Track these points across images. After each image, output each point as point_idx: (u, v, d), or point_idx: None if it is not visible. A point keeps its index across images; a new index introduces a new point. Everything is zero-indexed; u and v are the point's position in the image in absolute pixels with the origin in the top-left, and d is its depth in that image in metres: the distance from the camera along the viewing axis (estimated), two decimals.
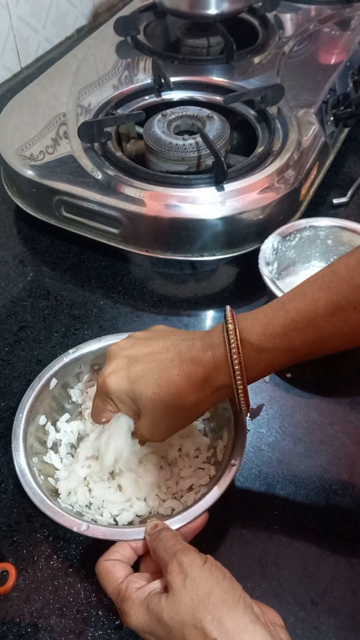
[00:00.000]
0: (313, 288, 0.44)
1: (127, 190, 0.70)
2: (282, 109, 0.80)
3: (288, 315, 0.44)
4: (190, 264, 0.75)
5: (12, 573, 0.49)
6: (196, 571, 0.40)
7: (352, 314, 0.42)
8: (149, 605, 0.40)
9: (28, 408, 0.54)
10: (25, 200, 0.78)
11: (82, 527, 0.46)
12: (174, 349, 0.47)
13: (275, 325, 0.44)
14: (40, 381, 0.55)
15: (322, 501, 0.53)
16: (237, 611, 0.38)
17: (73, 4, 1.17)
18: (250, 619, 0.38)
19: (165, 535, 0.44)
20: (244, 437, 0.51)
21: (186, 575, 0.39)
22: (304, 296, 0.44)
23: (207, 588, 0.39)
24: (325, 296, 0.43)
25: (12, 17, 1.01)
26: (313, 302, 0.43)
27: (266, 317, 0.45)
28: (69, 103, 0.83)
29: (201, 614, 0.37)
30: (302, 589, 0.48)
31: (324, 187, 0.83)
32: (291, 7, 1.04)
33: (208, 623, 0.37)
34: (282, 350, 0.44)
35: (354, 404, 0.60)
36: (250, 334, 0.44)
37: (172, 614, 0.38)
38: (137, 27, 0.98)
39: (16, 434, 0.52)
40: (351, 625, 0.47)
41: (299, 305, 0.44)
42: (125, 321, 0.69)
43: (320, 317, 0.43)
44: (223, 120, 0.77)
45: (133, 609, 0.40)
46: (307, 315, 0.43)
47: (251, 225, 0.70)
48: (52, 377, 0.56)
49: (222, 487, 0.48)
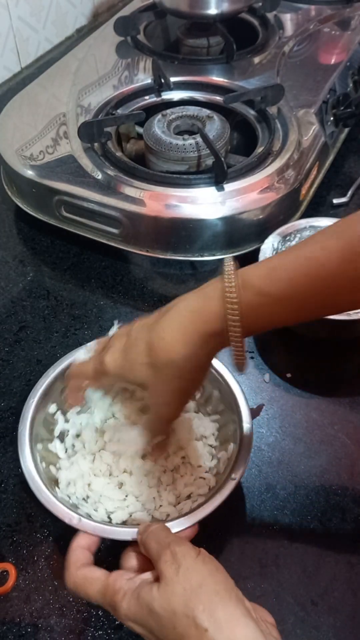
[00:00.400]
0: (324, 236, 0.42)
1: (127, 190, 0.70)
2: (282, 109, 0.80)
3: (297, 260, 0.41)
4: (190, 264, 0.75)
5: (12, 573, 0.49)
6: (189, 562, 0.39)
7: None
8: (140, 594, 0.39)
9: (40, 394, 0.54)
10: (25, 200, 0.78)
11: (73, 519, 0.46)
12: (166, 309, 0.45)
13: (282, 269, 0.41)
14: (55, 369, 0.55)
15: (322, 501, 0.53)
16: (229, 603, 0.37)
17: (73, 4, 1.17)
18: (242, 612, 0.37)
19: (157, 528, 0.43)
20: (248, 451, 0.50)
21: (179, 565, 0.39)
22: (315, 243, 0.42)
23: (200, 578, 0.38)
24: (338, 243, 0.40)
25: (12, 17, 1.01)
26: (325, 247, 0.41)
27: (272, 261, 0.42)
28: (69, 103, 0.83)
29: (193, 603, 0.37)
30: (302, 589, 0.48)
31: (324, 187, 0.83)
32: (291, 7, 1.04)
33: (200, 613, 0.36)
34: (286, 298, 0.41)
35: (354, 404, 0.61)
36: (252, 276, 0.41)
37: (164, 603, 0.38)
38: (137, 27, 0.98)
39: (24, 418, 0.52)
40: (351, 625, 0.47)
41: (309, 250, 0.41)
42: (125, 321, 0.68)
43: (332, 263, 0.40)
44: (223, 120, 0.77)
45: (125, 600, 0.39)
46: (319, 261, 0.40)
47: (251, 225, 0.70)
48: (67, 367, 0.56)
49: (218, 500, 0.47)
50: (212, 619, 0.36)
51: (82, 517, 0.46)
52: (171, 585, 0.38)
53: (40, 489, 0.48)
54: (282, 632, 0.46)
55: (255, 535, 0.52)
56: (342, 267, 0.40)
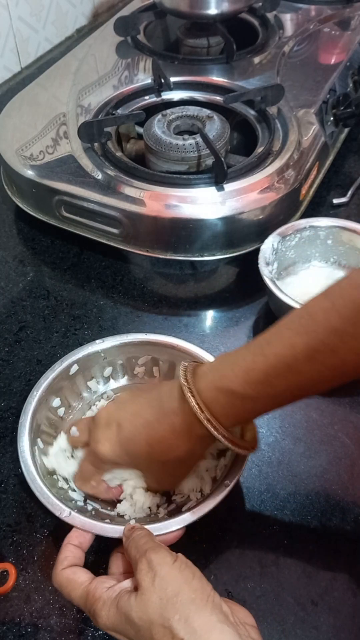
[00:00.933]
0: (290, 332, 0.43)
1: (127, 190, 0.70)
2: (282, 109, 0.80)
3: (268, 361, 0.42)
4: (190, 264, 0.75)
5: (12, 573, 0.49)
6: (165, 570, 0.39)
7: (331, 358, 0.41)
8: (119, 604, 0.39)
9: (44, 388, 0.54)
10: (25, 200, 0.78)
11: (64, 513, 0.47)
12: (157, 402, 0.47)
13: (257, 371, 0.43)
14: (61, 364, 0.56)
15: (322, 501, 0.53)
16: (205, 610, 0.38)
17: (73, 4, 1.17)
18: (218, 618, 0.37)
19: (138, 535, 0.43)
20: (243, 458, 0.50)
21: (155, 573, 0.39)
22: (282, 340, 0.43)
23: (176, 587, 0.38)
24: (303, 340, 0.41)
25: (12, 17, 1.01)
26: (291, 346, 0.42)
27: (245, 361, 0.43)
28: (69, 103, 0.83)
29: (169, 613, 0.37)
30: (302, 589, 0.48)
31: (324, 187, 0.83)
32: (291, 7, 1.04)
33: (175, 622, 0.37)
34: (265, 397, 0.43)
35: (354, 404, 0.60)
36: (232, 382, 0.43)
37: (141, 613, 0.38)
38: (137, 27, 0.98)
39: (26, 410, 0.53)
40: (351, 625, 0.47)
41: (277, 350, 0.42)
42: (125, 321, 0.69)
43: (299, 362, 0.41)
44: (223, 120, 0.77)
45: (104, 609, 0.40)
46: (286, 361, 0.42)
47: (251, 225, 0.70)
48: (74, 363, 0.57)
49: (209, 506, 0.47)
50: (188, 628, 0.36)
51: (72, 512, 0.47)
52: (147, 594, 0.38)
53: (34, 480, 0.48)
54: (282, 632, 0.46)
55: (255, 535, 0.52)
56: (311, 366, 0.41)
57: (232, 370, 0.44)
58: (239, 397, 0.43)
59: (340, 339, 0.40)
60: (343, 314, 0.40)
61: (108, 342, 0.58)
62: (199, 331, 0.68)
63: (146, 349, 0.59)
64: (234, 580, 0.49)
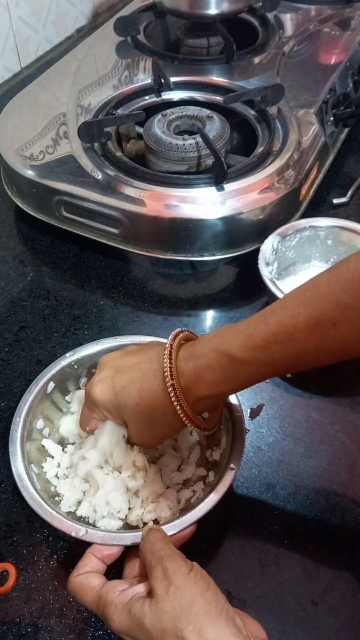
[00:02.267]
0: (294, 302, 0.44)
1: (127, 190, 0.70)
2: (282, 109, 0.80)
3: (269, 328, 0.44)
4: (190, 264, 0.75)
5: (12, 573, 0.49)
6: (180, 579, 0.39)
7: (331, 331, 0.42)
8: (131, 609, 0.39)
9: (26, 411, 0.54)
10: (25, 200, 0.78)
11: (80, 532, 0.46)
12: (158, 359, 0.48)
13: (256, 337, 0.44)
14: (37, 384, 0.55)
15: (322, 501, 0.53)
16: (218, 623, 0.38)
17: (73, 4, 1.17)
18: (231, 632, 0.37)
19: (154, 537, 0.43)
20: (242, 440, 0.51)
21: (170, 582, 0.39)
22: (285, 310, 0.44)
23: (190, 597, 0.38)
24: (305, 311, 0.42)
25: (12, 17, 1.01)
26: (293, 317, 0.43)
27: (248, 328, 0.45)
28: (69, 103, 0.83)
29: (182, 623, 0.37)
30: (302, 589, 0.48)
31: (324, 187, 0.83)
32: (291, 7, 1.04)
33: (189, 633, 0.37)
34: (262, 363, 0.44)
35: (354, 404, 0.60)
36: (232, 345, 0.45)
37: (154, 620, 0.38)
38: (137, 27, 0.98)
39: (14, 438, 0.52)
40: (351, 625, 0.47)
41: (279, 319, 0.44)
42: (125, 321, 0.69)
43: (299, 332, 0.42)
44: (223, 120, 0.77)
45: (116, 613, 0.40)
46: (287, 330, 0.43)
47: (251, 225, 0.70)
48: (49, 380, 0.56)
49: (221, 491, 0.48)
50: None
51: (89, 529, 0.47)
52: (162, 603, 0.38)
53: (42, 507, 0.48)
54: (282, 632, 0.46)
55: (255, 535, 0.52)
56: (311, 337, 0.42)
57: (235, 336, 0.45)
58: (237, 361, 0.44)
59: (342, 312, 0.41)
60: (348, 287, 0.41)
61: (79, 353, 0.58)
62: (199, 331, 0.68)
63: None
64: (234, 580, 0.49)
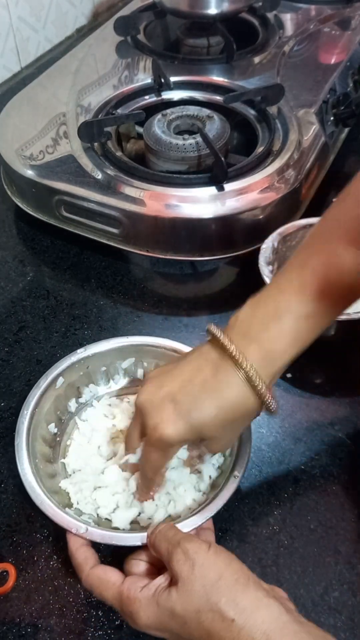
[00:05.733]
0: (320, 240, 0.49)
1: (127, 190, 0.70)
2: (282, 108, 0.80)
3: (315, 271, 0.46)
4: (190, 264, 0.75)
5: (12, 573, 0.49)
6: (203, 557, 0.40)
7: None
8: (159, 601, 0.39)
9: (33, 406, 0.54)
10: (25, 200, 0.78)
11: (80, 529, 0.46)
12: (205, 363, 0.45)
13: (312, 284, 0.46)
14: (46, 379, 0.55)
15: (322, 501, 0.53)
16: (249, 589, 0.38)
17: (73, 4, 1.17)
18: (263, 594, 0.38)
19: (164, 527, 0.43)
20: (248, 447, 0.51)
21: (194, 562, 0.39)
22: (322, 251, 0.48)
23: (217, 572, 0.39)
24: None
25: (12, 17, 1.01)
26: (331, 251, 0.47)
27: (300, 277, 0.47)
28: (69, 103, 0.83)
29: (216, 597, 0.37)
30: (302, 589, 0.48)
31: (324, 187, 0.83)
32: (291, 7, 1.04)
33: (224, 605, 0.37)
34: (324, 307, 0.46)
35: (354, 404, 0.60)
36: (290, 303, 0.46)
37: (186, 604, 0.38)
38: (137, 27, 0.98)
39: (20, 431, 0.52)
40: (351, 626, 0.47)
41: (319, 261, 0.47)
42: (125, 321, 0.69)
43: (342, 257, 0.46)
44: (223, 120, 0.77)
45: (142, 609, 0.40)
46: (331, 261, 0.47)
47: (251, 225, 0.70)
48: (58, 375, 0.56)
49: (225, 497, 0.47)
50: (237, 608, 0.37)
51: (89, 527, 0.46)
52: (189, 584, 0.38)
53: (43, 501, 0.48)
54: None
55: (255, 535, 0.52)
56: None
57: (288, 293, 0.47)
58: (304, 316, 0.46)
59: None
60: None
61: (91, 349, 0.58)
62: (199, 331, 0.68)
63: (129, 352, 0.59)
64: None
